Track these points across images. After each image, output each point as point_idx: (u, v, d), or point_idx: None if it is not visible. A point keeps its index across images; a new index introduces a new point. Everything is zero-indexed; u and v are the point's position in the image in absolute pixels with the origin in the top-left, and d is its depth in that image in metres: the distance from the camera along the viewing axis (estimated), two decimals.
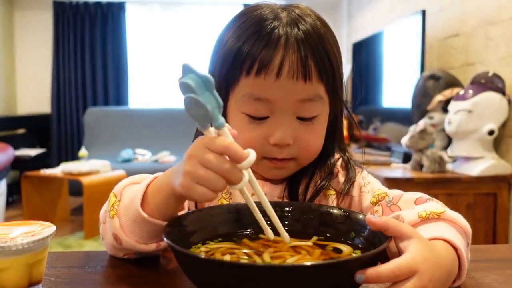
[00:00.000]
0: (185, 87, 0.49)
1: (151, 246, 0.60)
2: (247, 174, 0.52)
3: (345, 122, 0.81)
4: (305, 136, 0.70)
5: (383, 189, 0.75)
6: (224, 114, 0.72)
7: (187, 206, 0.67)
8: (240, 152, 0.51)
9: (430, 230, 0.55)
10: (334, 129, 0.77)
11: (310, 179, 0.76)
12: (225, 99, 0.71)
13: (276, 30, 0.67)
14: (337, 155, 0.78)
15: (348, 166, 0.77)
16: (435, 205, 0.62)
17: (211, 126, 0.52)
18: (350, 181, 0.75)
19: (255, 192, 0.55)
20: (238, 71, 0.68)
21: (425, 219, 0.58)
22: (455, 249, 0.52)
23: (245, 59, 0.67)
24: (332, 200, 0.75)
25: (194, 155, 0.51)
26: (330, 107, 0.73)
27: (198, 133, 0.75)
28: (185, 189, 0.51)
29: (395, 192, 0.72)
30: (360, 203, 0.75)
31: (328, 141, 0.76)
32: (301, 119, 0.70)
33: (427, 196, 0.66)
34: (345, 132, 0.81)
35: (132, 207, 0.59)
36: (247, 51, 0.67)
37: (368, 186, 0.76)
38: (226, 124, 0.52)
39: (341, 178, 0.77)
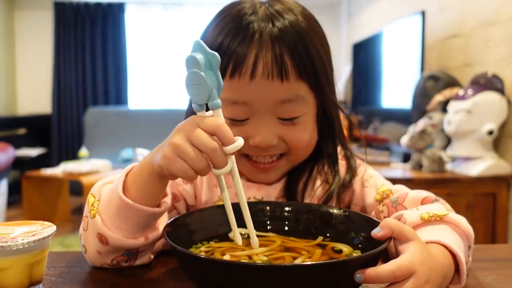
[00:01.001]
0: (191, 62, 0.50)
1: (140, 240, 0.57)
2: (231, 163, 0.52)
3: (345, 123, 0.79)
4: (289, 135, 0.68)
5: (386, 184, 0.74)
6: None
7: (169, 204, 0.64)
8: (230, 134, 0.50)
9: (430, 233, 0.55)
10: (331, 126, 0.74)
11: (308, 178, 0.75)
12: None
13: (251, 25, 0.65)
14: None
15: (348, 157, 0.75)
16: (440, 207, 0.62)
17: (206, 110, 0.52)
18: (352, 172, 0.74)
19: (235, 187, 0.54)
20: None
21: (427, 221, 0.58)
22: (454, 255, 0.52)
23: (222, 57, 0.65)
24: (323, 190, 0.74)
25: (183, 129, 0.51)
26: (318, 104, 0.71)
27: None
28: (166, 161, 0.50)
29: (399, 190, 0.71)
30: (362, 198, 0.74)
31: (326, 139, 0.74)
32: (282, 119, 0.68)
33: (434, 197, 0.66)
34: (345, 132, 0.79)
35: (113, 198, 0.56)
36: (225, 48, 0.65)
37: (371, 180, 0.74)
38: (221, 104, 0.51)
39: (342, 169, 0.75)
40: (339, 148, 0.76)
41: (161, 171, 0.53)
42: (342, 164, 0.76)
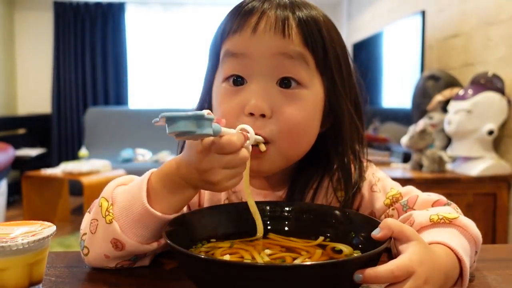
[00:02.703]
0: (183, 134, 0.47)
1: (153, 245, 0.58)
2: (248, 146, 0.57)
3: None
4: (284, 108, 0.64)
5: (396, 187, 0.72)
6: (211, 96, 0.72)
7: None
8: (243, 138, 0.54)
9: (437, 234, 0.55)
10: (338, 124, 0.69)
11: (318, 186, 0.71)
12: (211, 81, 0.71)
13: (254, 2, 0.65)
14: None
15: (357, 162, 0.72)
16: (450, 210, 0.61)
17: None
18: (361, 178, 0.71)
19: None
20: (217, 44, 0.68)
21: (436, 223, 0.57)
22: (459, 259, 0.51)
23: (223, 30, 0.67)
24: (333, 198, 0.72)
25: (213, 168, 0.53)
26: (326, 93, 0.67)
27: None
28: (225, 189, 0.56)
29: (409, 192, 0.69)
30: (371, 203, 0.72)
31: (335, 144, 0.71)
32: (282, 85, 0.64)
33: (445, 200, 0.65)
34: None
35: (136, 206, 0.56)
36: (224, 24, 0.67)
37: (379, 184, 0.72)
38: (220, 126, 0.51)
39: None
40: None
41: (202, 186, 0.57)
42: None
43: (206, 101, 0.74)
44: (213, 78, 0.71)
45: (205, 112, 0.48)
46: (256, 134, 0.61)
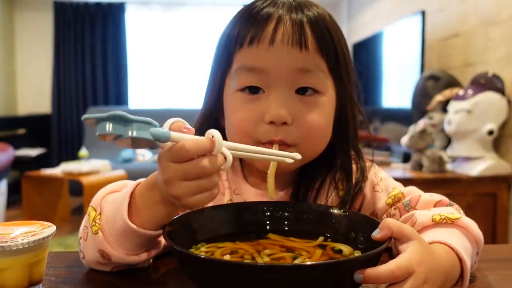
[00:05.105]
0: (108, 133, 0.44)
1: (142, 256, 0.57)
2: (225, 153, 0.50)
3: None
4: (305, 115, 0.64)
5: (398, 187, 0.72)
6: (221, 102, 0.70)
7: None
8: (204, 144, 0.49)
9: (439, 234, 0.55)
10: (345, 124, 0.71)
11: (321, 186, 0.71)
12: (221, 87, 0.69)
13: (267, 8, 0.64)
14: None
15: (359, 161, 0.73)
16: (452, 211, 0.61)
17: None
18: (363, 177, 0.71)
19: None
20: (230, 49, 0.66)
21: (438, 223, 0.57)
22: (459, 259, 0.51)
23: (236, 36, 0.65)
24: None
25: (170, 178, 0.49)
26: (337, 97, 0.69)
27: None
28: (190, 206, 0.51)
29: (411, 192, 0.69)
30: (373, 203, 0.71)
31: (340, 144, 0.71)
32: (300, 93, 0.65)
33: (447, 201, 0.65)
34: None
35: (118, 220, 0.55)
36: (238, 29, 0.65)
37: (381, 183, 0.72)
38: (169, 131, 0.48)
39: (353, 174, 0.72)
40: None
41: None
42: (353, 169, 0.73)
43: (216, 106, 0.72)
44: (223, 82, 0.69)
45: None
46: (280, 141, 0.63)
